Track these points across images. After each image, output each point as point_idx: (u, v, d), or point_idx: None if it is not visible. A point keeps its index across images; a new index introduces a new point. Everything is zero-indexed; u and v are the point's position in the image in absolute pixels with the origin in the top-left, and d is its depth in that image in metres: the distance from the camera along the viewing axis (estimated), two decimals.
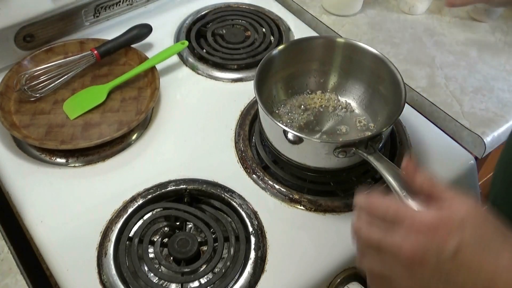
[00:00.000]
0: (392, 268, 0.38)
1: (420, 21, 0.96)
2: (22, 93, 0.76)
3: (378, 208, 0.39)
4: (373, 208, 0.40)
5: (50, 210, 0.65)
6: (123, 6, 0.91)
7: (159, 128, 0.76)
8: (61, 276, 0.60)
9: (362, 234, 0.41)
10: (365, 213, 0.41)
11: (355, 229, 0.42)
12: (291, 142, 0.64)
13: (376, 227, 0.39)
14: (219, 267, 0.60)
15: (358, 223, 0.42)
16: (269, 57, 0.71)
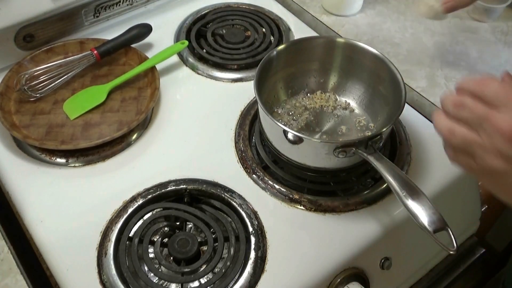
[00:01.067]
0: (487, 142, 0.39)
1: (420, 21, 0.96)
2: (22, 93, 0.76)
3: (488, 88, 0.40)
4: (481, 88, 0.40)
5: (50, 210, 0.65)
6: (123, 6, 0.91)
7: (159, 128, 0.76)
8: (61, 276, 0.60)
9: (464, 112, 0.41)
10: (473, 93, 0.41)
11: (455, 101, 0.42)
12: (291, 142, 0.64)
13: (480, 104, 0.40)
14: (219, 267, 0.60)
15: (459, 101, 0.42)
16: (269, 57, 0.71)
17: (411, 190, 0.56)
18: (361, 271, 0.65)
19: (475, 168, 0.42)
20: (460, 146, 0.43)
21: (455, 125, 0.43)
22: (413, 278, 0.78)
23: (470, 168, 0.43)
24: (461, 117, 0.42)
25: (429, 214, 0.54)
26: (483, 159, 0.41)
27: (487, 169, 0.41)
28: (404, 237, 0.70)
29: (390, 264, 0.68)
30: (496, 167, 0.40)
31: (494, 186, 0.42)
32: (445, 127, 0.43)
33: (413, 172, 0.71)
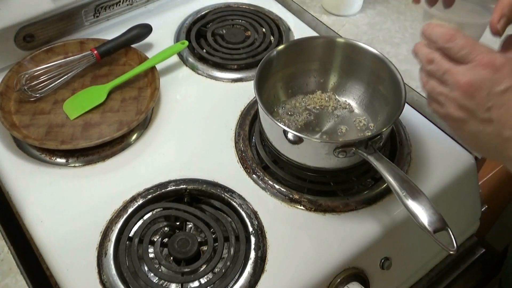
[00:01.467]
0: (449, 92, 0.45)
1: (420, 21, 0.96)
2: (22, 93, 0.76)
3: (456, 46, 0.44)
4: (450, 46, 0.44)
5: (50, 210, 0.65)
6: (123, 6, 0.91)
7: (159, 128, 0.76)
8: (61, 276, 0.60)
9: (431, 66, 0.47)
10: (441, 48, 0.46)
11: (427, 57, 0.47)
12: (291, 142, 0.64)
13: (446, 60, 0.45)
14: (219, 267, 0.60)
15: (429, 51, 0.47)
16: (269, 57, 0.71)
17: (411, 190, 0.56)
18: (361, 271, 0.65)
19: (441, 113, 0.48)
20: (430, 95, 0.49)
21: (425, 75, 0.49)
22: (413, 278, 0.78)
23: (438, 113, 0.48)
24: (430, 70, 0.47)
25: (429, 214, 0.54)
26: (447, 108, 0.46)
27: (449, 116, 0.46)
28: (404, 237, 0.70)
29: (390, 264, 0.68)
30: (457, 116, 0.45)
31: (457, 133, 0.47)
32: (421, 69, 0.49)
33: (413, 172, 0.71)
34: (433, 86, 0.47)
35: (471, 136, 0.46)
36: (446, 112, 0.47)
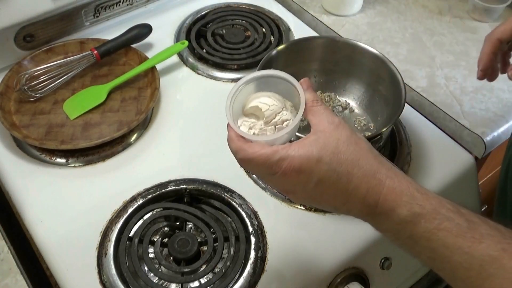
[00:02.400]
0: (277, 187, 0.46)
1: (420, 21, 0.96)
2: (22, 93, 0.76)
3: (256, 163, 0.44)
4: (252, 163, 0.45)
5: (50, 210, 0.65)
6: (123, 6, 0.91)
7: (159, 128, 0.76)
8: (61, 276, 0.60)
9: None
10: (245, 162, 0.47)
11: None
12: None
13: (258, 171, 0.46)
14: (219, 267, 0.60)
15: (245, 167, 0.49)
16: (269, 57, 0.71)
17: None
18: (361, 271, 0.65)
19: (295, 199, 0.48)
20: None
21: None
22: (413, 278, 0.78)
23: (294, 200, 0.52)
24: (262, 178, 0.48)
25: None
26: (293, 197, 0.46)
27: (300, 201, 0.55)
28: None
29: (390, 264, 0.68)
30: (302, 200, 0.54)
31: (321, 207, 0.50)
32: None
33: (413, 172, 0.71)
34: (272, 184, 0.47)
35: (325, 206, 0.46)
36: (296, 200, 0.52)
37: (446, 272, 0.39)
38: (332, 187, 0.41)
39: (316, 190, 0.42)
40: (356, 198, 0.41)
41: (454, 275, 0.38)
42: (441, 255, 0.38)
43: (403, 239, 0.41)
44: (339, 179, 0.41)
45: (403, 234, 0.41)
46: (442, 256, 0.38)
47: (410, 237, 0.40)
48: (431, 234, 0.39)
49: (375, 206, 0.41)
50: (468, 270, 0.37)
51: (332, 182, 0.41)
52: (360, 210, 0.42)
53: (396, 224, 0.41)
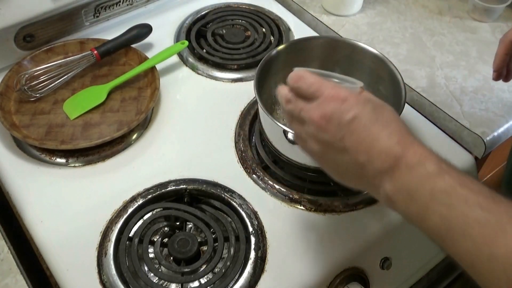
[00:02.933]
0: (307, 130, 0.47)
1: (420, 21, 0.96)
2: (22, 93, 0.76)
3: (304, 85, 0.47)
4: (300, 85, 0.48)
5: (50, 210, 0.65)
6: (123, 6, 0.91)
7: (159, 128, 0.76)
8: (61, 276, 0.60)
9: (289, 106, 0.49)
10: (294, 89, 0.49)
11: (285, 97, 0.50)
12: (291, 142, 0.64)
13: (300, 99, 0.48)
14: (219, 267, 0.60)
15: (287, 92, 0.50)
16: (269, 57, 0.71)
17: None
18: (361, 271, 0.65)
19: (306, 150, 0.50)
20: (295, 134, 0.51)
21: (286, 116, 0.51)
22: (413, 278, 0.78)
23: (304, 150, 0.51)
24: (288, 110, 0.49)
25: None
26: (308, 144, 0.48)
27: (312, 151, 0.49)
28: (404, 237, 0.69)
29: (390, 264, 0.68)
30: (317, 150, 0.47)
31: (324, 166, 0.49)
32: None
33: None
34: (295, 125, 0.50)
35: (334, 166, 0.47)
36: (309, 148, 0.49)
37: (456, 231, 0.38)
38: (366, 127, 0.43)
39: (350, 126, 0.44)
40: (384, 144, 0.43)
41: (466, 233, 0.38)
42: (457, 212, 0.38)
43: (419, 195, 0.41)
44: (375, 121, 0.43)
45: (423, 189, 0.40)
46: (459, 213, 0.38)
47: (430, 191, 0.40)
48: (453, 189, 0.39)
49: (401, 156, 0.42)
50: (483, 227, 0.37)
51: (368, 122, 0.43)
52: (384, 160, 0.42)
53: (419, 177, 0.41)
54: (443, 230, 0.39)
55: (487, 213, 0.37)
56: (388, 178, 0.42)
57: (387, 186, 0.43)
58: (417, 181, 0.41)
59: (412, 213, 0.41)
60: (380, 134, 0.43)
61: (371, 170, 0.43)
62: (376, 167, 0.43)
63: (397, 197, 0.42)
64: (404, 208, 0.42)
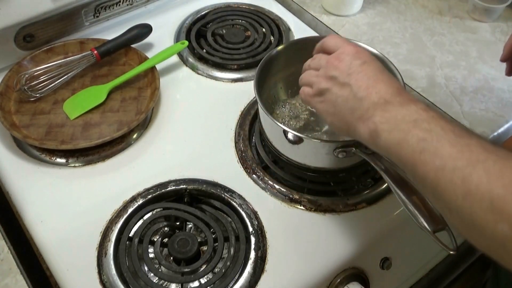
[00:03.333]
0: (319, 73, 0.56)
1: (420, 21, 0.96)
2: (22, 93, 0.76)
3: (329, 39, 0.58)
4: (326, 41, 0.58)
5: (50, 210, 0.65)
6: (123, 6, 0.91)
7: (159, 128, 0.76)
8: (61, 276, 0.60)
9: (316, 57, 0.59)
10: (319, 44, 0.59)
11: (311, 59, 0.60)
12: (291, 142, 0.64)
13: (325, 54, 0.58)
14: (219, 267, 0.60)
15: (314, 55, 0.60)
16: (269, 57, 0.71)
17: (411, 190, 0.56)
18: (361, 271, 0.65)
19: (311, 93, 0.57)
20: (304, 82, 0.59)
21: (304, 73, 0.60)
22: (413, 278, 0.78)
23: (307, 95, 0.58)
24: (310, 65, 0.59)
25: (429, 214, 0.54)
26: (317, 85, 0.56)
27: (318, 91, 0.55)
28: (404, 237, 0.70)
29: (390, 264, 0.68)
30: (323, 87, 0.55)
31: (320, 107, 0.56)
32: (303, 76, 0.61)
33: None
34: (309, 74, 0.58)
35: (332, 103, 0.54)
36: (316, 88, 0.56)
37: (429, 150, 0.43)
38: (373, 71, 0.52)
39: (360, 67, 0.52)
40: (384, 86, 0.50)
41: (437, 151, 0.42)
42: (433, 134, 0.44)
43: (405, 122, 0.46)
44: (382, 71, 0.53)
45: (409, 118, 0.46)
46: (434, 135, 0.44)
47: (415, 120, 0.46)
48: (434, 119, 0.45)
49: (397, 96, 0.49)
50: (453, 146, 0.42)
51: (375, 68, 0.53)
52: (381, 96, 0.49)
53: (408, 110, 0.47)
54: (417, 153, 0.44)
55: (459, 138, 0.43)
56: (380, 110, 0.48)
57: (377, 117, 0.48)
58: (405, 113, 0.47)
59: (393, 140, 0.46)
60: (383, 79, 0.51)
61: (367, 103, 0.49)
62: (373, 100, 0.49)
63: (383, 126, 0.47)
64: (386, 135, 0.47)
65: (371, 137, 0.49)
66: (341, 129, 0.54)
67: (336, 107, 0.53)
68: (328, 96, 0.54)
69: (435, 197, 0.43)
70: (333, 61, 0.54)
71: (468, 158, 0.41)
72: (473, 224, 0.39)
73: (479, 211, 0.38)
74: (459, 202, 0.40)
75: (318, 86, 0.55)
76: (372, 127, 0.48)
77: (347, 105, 0.52)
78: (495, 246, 0.38)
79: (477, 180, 0.39)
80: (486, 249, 0.40)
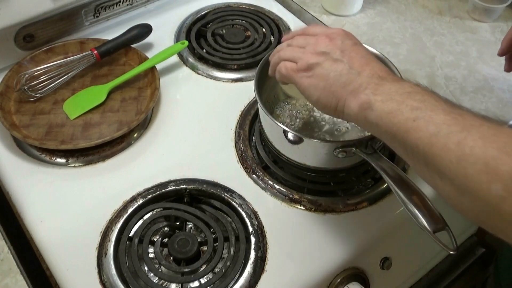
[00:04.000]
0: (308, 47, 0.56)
1: (420, 21, 0.96)
2: (22, 93, 0.76)
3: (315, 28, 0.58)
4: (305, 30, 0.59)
5: (50, 210, 0.65)
6: (123, 6, 0.91)
7: (159, 128, 0.76)
8: (61, 276, 0.60)
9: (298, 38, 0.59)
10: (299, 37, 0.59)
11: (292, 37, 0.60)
12: (291, 142, 0.64)
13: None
14: (219, 267, 0.60)
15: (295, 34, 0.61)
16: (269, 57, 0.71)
17: (411, 190, 0.56)
18: (361, 271, 0.65)
19: (295, 68, 0.56)
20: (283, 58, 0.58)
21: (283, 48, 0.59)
22: (413, 278, 0.78)
23: (288, 70, 0.56)
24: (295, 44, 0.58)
25: (429, 214, 0.54)
26: (302, 60, 0.55)
27: (306, 65, 0.54)
28: (404, 237, 0.70)
29: (390, 264, 0.68)
30: (312, 61, 0.54)
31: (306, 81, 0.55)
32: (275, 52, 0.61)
33: (413, 172, 0.71)
34: (292, 50, 0.57)
35: (321, 79, 0.53)
36: (303, 63, 0.55)
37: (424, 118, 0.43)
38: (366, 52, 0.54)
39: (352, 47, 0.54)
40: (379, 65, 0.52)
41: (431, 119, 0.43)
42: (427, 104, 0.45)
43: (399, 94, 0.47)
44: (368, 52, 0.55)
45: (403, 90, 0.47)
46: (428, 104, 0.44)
47: (409, 92, 0.47)
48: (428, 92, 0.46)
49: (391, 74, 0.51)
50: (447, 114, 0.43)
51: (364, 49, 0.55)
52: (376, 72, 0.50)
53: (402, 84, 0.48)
54: (411, 120, 0.44)
55: (452, 108, 0.44)
56: (374, 84, 0.49)
57: (370, 90, 0.49)
58: (399, 86, 0.48)
59: (386, 109, 0.46)
60: (375, 60, 0.53)
61: (362, 78, 0.50)
62: (367, 75, 0.50)
63: (376, 98, 0.48)
64: (379, 105, 0.47)
65: (362, 109, 0.49)
66: (328, 105, 0.53)
67: (327, 81, 0.53)
68: (318, 70, 0.53)
69: (426, 165, 0.43)
70: (324, 39, 0.55)
71: (462, 124, 0.41)
72: (466, 188, 0.39)
73: (473, 173, 0.39)
74: (453, 166, 0.40)
75: (306, 61, 0.54)
76: (365, 99, 0.48)
77: (340, 79, 0.52)
78: (488, 210, 0.38)
79: (472, 143, 0.39)
80: (477, 217, 0.40)
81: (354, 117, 0.50)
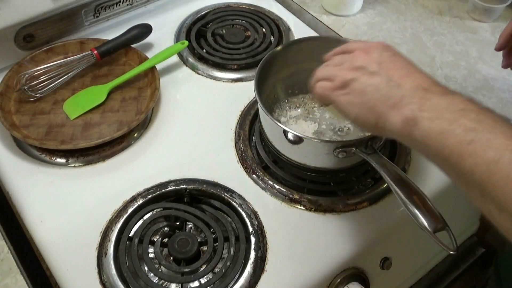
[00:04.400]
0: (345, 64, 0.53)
1: (420, 21, 0.96)
2: (22, 93, 0.76)
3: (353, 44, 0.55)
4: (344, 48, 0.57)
5: (50, 210, 0.65)
6: (123, 6, 0.91)
7: (159, 128, 0.76)
8: (61, 276, 0.60)
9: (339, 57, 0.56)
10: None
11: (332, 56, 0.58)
12: (291, 142, 0.64)
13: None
14: (219, 267, 0.60)
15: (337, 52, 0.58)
16: (269, 57, 0.71)
17: (411, 190, 0.56)
18: (361, 271, 0.65)
19: (331, 86, 0.53)
20: (320, 77, 0.55)
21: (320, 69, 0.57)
22: (413, 278, 0.78)
23: (325, 89, 0.54)
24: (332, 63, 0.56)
25: (429, 214, 0.54)
26: (339, 77, 0.52)
27: (342, 82, 0.52)
28: (404, 237, 0.70)
29: (390, 264, 0.68)
30: (349, 77, 0.51)
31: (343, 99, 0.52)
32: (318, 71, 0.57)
33: (413, 172, 0.71)
34: (328, 69, 0.55)
35: (358, 94, 0.50)
36: (339, 81, 0.52)
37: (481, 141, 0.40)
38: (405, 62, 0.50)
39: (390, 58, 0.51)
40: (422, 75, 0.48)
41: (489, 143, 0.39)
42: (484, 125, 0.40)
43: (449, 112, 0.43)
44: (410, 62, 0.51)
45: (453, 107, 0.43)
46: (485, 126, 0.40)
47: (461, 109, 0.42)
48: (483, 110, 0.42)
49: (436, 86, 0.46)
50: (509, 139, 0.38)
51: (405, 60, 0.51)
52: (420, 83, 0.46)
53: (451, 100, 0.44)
54: (465, 143, 0.40)
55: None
56: (418, 98, 0.45)
57: (415, 104, 0.44)
58: (449, 102, 0.43)
59: (435, 129, 0.42)
60: (417, 70, 0.49)
61: (403, 90, 0.46)
62: (410, 86, 0.46)
63: (423, 114, 0.43)
64: (427, 124, 0.43)
65: (406, 125, 0.44)
66: (368, 122, 0.49)
67: (365, 96, 0.49)
68: (354, 86, 0.50)
69: (482, 194, 0.38)
70: (360, 54, 0.52)
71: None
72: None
73: None
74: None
75: (342, 78, 0.51)
76: (409, 115, 0.44)
77: (379, 93, 0.48)
78: None
79: None
80: None
81: (397, 134, 0.46)
